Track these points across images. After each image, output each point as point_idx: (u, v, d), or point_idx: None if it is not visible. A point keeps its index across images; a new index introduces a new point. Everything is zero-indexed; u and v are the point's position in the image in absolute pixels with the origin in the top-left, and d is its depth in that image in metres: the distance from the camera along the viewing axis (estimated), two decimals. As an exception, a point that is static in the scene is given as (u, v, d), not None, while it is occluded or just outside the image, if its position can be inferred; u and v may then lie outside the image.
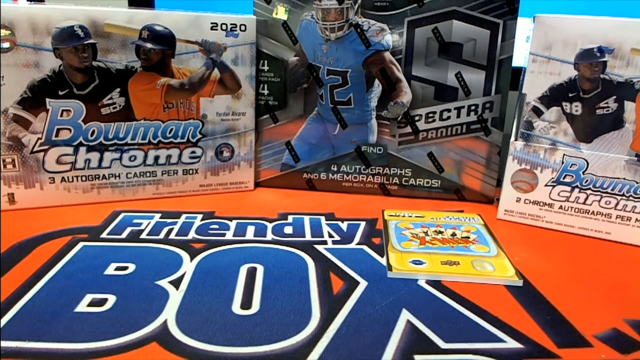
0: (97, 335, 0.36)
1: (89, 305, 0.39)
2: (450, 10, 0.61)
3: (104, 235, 0.52)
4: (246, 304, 0.40)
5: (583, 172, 0.56)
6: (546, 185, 0.58)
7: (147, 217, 0.57)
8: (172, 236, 0.52)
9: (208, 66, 0.61)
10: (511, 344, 0.37)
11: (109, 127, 0.59)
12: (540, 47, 0.56)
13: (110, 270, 0.45)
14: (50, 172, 0.58)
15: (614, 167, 0.55)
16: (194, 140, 0.63)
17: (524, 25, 0.59)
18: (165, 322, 0.38)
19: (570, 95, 0.56)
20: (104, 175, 0.60)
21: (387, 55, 0.63)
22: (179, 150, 0.63)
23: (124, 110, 0.59)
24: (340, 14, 0.62)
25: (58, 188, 0.58)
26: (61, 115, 0.56)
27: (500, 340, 0.37)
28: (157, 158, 0.62)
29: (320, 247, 0.51)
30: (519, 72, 0.59)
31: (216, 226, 0.56)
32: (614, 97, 0.54)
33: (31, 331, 0.36)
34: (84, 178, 0.59)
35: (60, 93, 0.56)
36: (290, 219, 0.59)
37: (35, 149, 0.56)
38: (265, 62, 0.65)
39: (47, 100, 0.55)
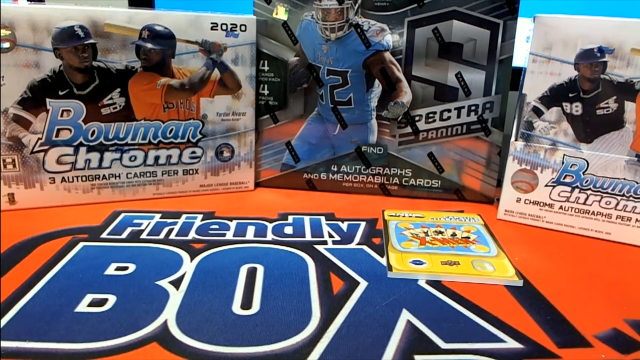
0: (97, 335, 0.36)
1: (89, 305, 0.39)
2: (450, 10, 0.61)
3: (104, 235, 0.52)
4: (246, 304, 0.40)
5: (583, 173, 0.56)
6: (546, 185, 0.58)
7: (147, 217, 0.57)
8: (172, 236, 0.52)
9: (208, 66, 0.61)
10: (511, 344, 0.37)
11: (109, 127, 0.59)
12: (540, 47, 0.56)
13: (111, 270, 0.45)
14: (50, 172, 0.58)
15: (614, 168, 0.55)
16: (194, 141, 0.63)
17: (524, 25, 0.59)
18: (165, 322, 0.38)
19: (570, 95, 0.56)
20: (104, 175, 0.60)
21: (387, 55, 0.63)
22: (179, 151, 0.63)
23: (124, 111, 0.59)
24: (341, 14, 0.62)
25: (58, 188, 0.58)
26: (61, 116, 0.56)
27: (500, 340, 0.37)
28: (157, 158, 0.62)
29: (320, 247, 0.51)
30: (519, 72, 0.59)
31: (216, 226, 0.56)
32: (614, 97, 0.54)
33: (31, 331, 0.36)
34: (84, 178, 0.59)
35: (61, 93, 0.56)
36: (290, 219, 0.59)
37: (35, 149, 0.56)
38: (266, 62, 0.65)
39: (47, 100, 0.55)
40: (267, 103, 0.67)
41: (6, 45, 0.53)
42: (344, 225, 0.57)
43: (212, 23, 0.60)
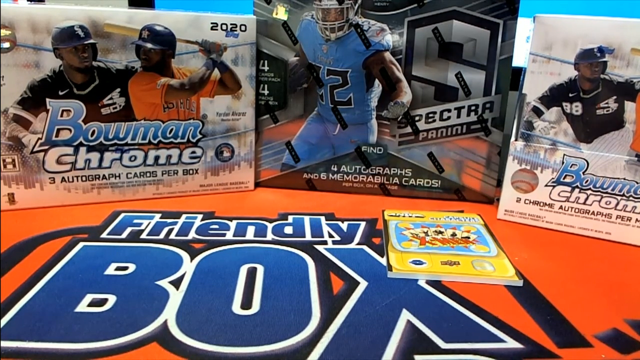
0: (97, 335, 0.36)
1: (89, 305, 0.39)
2: (450, 10, 0.61)
3: (104, 235, 0.52)
4: (246, 304, 0.40)
5: (583, 173, 0.56)
6: (546, 185, 0.58)
7: (147, 217, 0.57)
8: (172, 236, 0.52)
9: (208, 66, 0.61)
10: (511, 344, 0.37)
11: (109, 127, 0.59)
12: (540, 47, 0.56)
13: (111, 270, 0.45)
14: (50, 172, 0.58)
15: (614, 168, 0.55)
16: (194, 141, 0.63)
17: (524, 25, 0.59)
18: (165, 322, 0.38)
19: (570, 95, 0.56)
20: (104, 175, 0.60)
21: (387, 55, 0.63)
22: (179, 151, 0.63)
23: (124, 111, 0.59)
24: (341, 14, 0.62)
25: (58, 188, 0.58)
26: (61, 115, 0.56)
27: (500, 340, 0.37)
28: (157, 158, 0.62)
29: (320, 247, 0.51)
30: (519, 72, 0.59)
31: (216, 226, 0.56)
32: (614, 97, 0.54)
33: (31, 331, 0.36)
34: (84, 178, 0.59)
35: (61, 93, 0.56)
36: (290, 219, 0.59)
37: (35, 149, 0.56)
38: (266, 62, 0.65)
39: (47, 100, 0.55)
40: (267, 103, 0.67)
41: (6, 45, 0.53)
42: (344, 225, 0.57)
43: (212, 23, 0.60)
